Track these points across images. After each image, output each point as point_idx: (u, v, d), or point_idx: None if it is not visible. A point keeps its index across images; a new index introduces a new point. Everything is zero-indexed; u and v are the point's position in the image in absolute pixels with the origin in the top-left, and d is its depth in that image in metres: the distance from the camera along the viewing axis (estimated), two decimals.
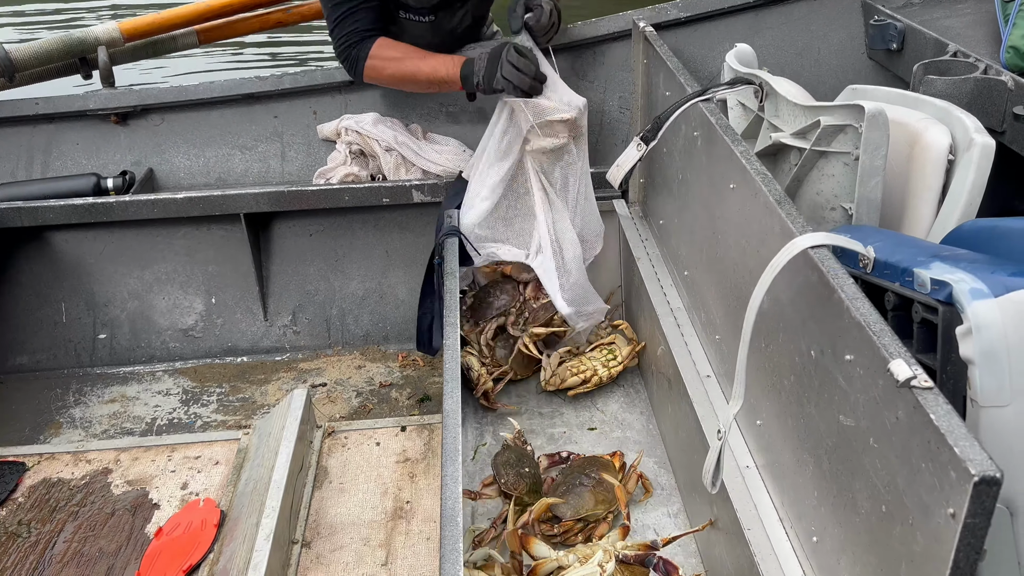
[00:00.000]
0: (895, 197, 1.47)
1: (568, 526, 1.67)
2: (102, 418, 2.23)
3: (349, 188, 2.31)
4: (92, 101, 2.42)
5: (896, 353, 0.83)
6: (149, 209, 2.29)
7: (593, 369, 2.05)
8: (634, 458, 1.79)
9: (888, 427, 0.91)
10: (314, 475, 1.96)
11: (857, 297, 0.93)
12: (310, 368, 2.40)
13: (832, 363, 1.06)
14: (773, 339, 1.28)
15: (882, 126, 1.34)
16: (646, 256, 2.06)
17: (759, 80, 1.60)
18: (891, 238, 1.13)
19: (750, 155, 1.28)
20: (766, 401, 1.35)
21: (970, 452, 0.72)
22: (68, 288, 2.40)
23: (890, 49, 2.08)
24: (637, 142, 1.53)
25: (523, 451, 1.82)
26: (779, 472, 1.33)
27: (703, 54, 2.36)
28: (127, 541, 1.82)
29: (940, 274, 0.91)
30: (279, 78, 2.45)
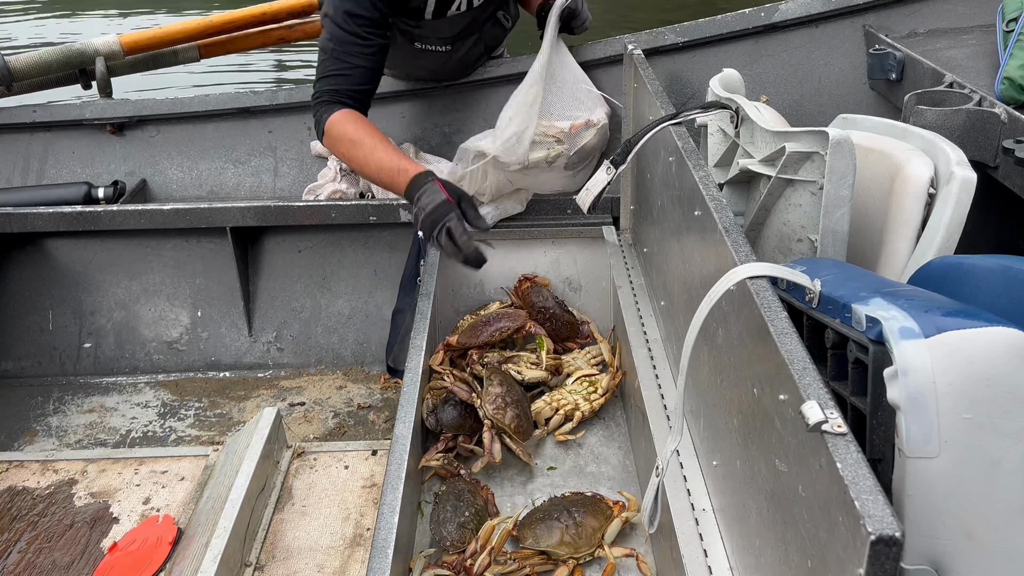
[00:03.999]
0: (873, 232, 1.40)
1: (526, 555, 1.59)
2: (78, 428, 2.22)
3: (336, 205, 2.29)
4: (89, 111, 2.43)
5: (813, 394, 0.76)
6: (136, 219, 2.28)
7: (574, 403, 1.96)
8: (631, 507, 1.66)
9: (813, 474, 0.84)
10: (277, 496, 1.91)
11: (785, 332, 0.86)
12: (291, 386, 2.37)
13: (770, 403, 0.99)
14: (726, 375, 1.21)
15: (847, 154, 1.27)
16: (628, 285, 1.99)
17: (735, 105, 1.54)
18: (845, 271, 1.06)
19: (709, 180, 1.22)
20: (721, 440, 1.28)
21: (871, 507, 0.65)
22: (56, 296, 2.41)
23: (889, 79, 2.01)
24: (607, 165, 1.48)
25: (457, 488, 1.69)
26: (731, 517, 1.25)
27: (701, 80, 2.31)
28: (81, 554, 1.78)
29: (874, 310, 0.84)
30: (274, 93, 2.45)
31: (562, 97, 2.12)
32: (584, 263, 2.29)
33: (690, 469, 1.42)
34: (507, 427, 1.75)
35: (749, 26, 2.27)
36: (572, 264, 2.29)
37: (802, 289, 1.04)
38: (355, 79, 2.00)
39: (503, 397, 1.78)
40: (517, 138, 2.03)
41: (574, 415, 1.92)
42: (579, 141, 2.11)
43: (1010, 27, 1.69)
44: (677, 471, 1.41)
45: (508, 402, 1.77)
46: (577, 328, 2.19)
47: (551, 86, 2.11)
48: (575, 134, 2.10)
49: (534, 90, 2.07)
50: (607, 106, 2.18)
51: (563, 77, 2.14)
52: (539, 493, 1.78)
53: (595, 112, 2.13)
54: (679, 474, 1.41)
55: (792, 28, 2.27)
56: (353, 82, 2.00)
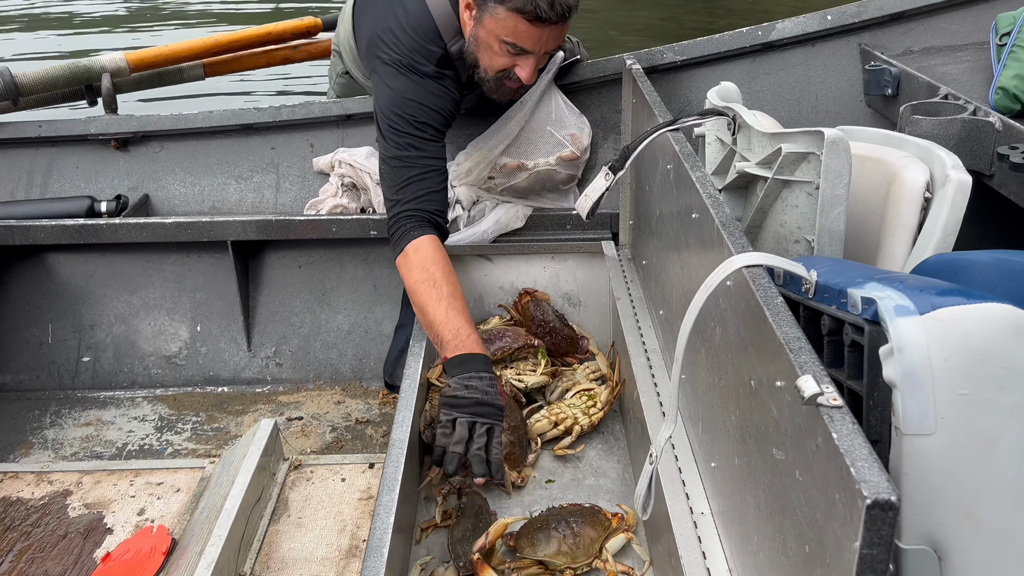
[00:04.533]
0: (872, 236, 1.40)
1: (523, 564, 1.57)
2: (74, 440, 2.21)
3: (337, 219, 2.30)
4: (93, 126, 2.46)
5: (808, 370, 0.76)
6: (138, 233, 2.30)
7: (573, 417, 1.95)
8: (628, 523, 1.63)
9: (810, 456, 0.84)
10: (273, 507, 1.89)
11: (781, 315, 0.86)
12: (289, 401, 2.36)
13: (767, 392, 0.98)
14: (724, 373, 1.21)
15: (843, 153, 1.28)
16: (627, 297, 2.00)
17: (732, 112, 1.56)
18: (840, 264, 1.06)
19: (706, 180, 1.23)
20: (719, 441, 1.27)
21: (866, 473, 0.65)
22: (56, 309, 2.41)
23: (885, 95, 2.03)
24: (605, 171, 1.49)
25: (477, 506, 1.68)
26: (729, 518, 1.24)
27: (699, 98, 2.33)
28: (74, 565, 1.76)
29: (870, 292, 0.84)
30: (277, 109, 2.48)
31: (521, 138, 2.30)
32: (584, 278, 2.29)
33: (688, 473, 1.41)
34: None
35: (747, 44, 2.30)
36: (572, 279, 2.30)
37: (799, 281, 1.05)
38: (438, 200, 1.90)
39: None
40: (467, 172, 2.27)
41: (573, 429, 1.91)
42: (509, 180, 2.30)
43: (1003, 41, 1.71)
44: (676, 475, 1.40)
45: None
46: (577, 343, 2.18)
47: (522, 128, 2.30)
48: (505, 173, 2.28)
49: (507, 129, 2.27)
50: (569, 148, 2.31)
51: (535, 118, 2.30)
52: (537, 506, 1.76)
53: (539, 157, 2.30)
54: (678, 478, 1.40)
55: (789, 47, 2.30)
56: (438, 203, 1.89)
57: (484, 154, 2.28)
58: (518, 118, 2.29)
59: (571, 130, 2.30)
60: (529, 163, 2.29)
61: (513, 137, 2.28)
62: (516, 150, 2.30)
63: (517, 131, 2.28)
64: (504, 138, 2.28)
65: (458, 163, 2.30)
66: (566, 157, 2.30)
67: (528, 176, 2.29)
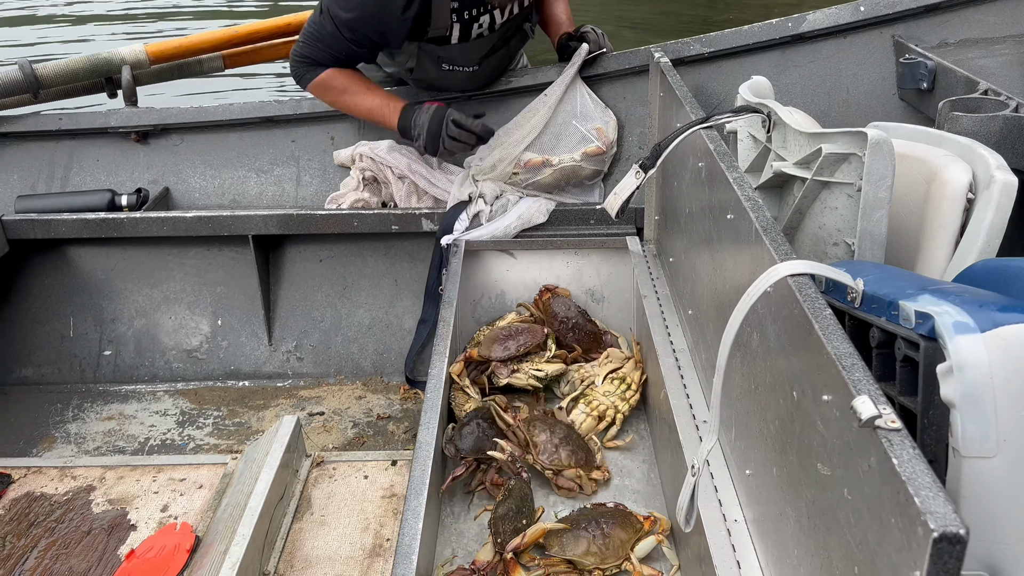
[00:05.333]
0: (910, 237, 1.37)
1: (552, 562, 1.56)
2: (96, 435, 2.21)
3: (358, 214, 2.28)
4: (114, 119, 2.44)
5: (863, 389, 0.73)
6: (159, 227, 2.28)
7: (612, 405, 1.92)
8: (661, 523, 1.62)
9: (861, 476, 0.81)
10: (296, 505, 1.88)
11: (831, 328, 0.83)
12: (310, 396, 2.34)
13: (811, 405, 0.95)
14: (761, 381, 1.18)
15: (886, 155, 1.24)
16: (653, 294, 1.96)
17: (767, 109, 1.52)
18: (887, 272, 1.03)
19: (743, 181, 1.19)
20: (755, 449, 1.24)
21: (932, 504, 0.62)
22: (78, 303, 2.41)
23: (920, 88, 1.98)
24: (636, 170, 1.46)
25: (524, 491, 1.69)
26: (765, 528, 1.21)
27: (727, 91, 2.29)
28: (98, 561, 1.76)
29: (924, 306, 0.81)
30: (298, 102, 2.45)
31: (546, 133, 2.30)
32: (607, 274, 2.26)
33: (721, 479, 1.38)
34: (567, 466, 1.72)
35: (776, 36, 2.25)
36: (595, 275, 2.27)
37: (843, 289, 1.01)
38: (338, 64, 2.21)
39: (551, 441, 1.76)
40: (492, 168, 2.28)
41: (616, 418, 1.89)
42: (533, 176, 2.28)
43: None
44: (707, 481, 1.37)
45: (557, 443, 1.75)
46: (600, 339, 2.16)
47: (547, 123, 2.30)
48: (530, 169, 2.27)
49: (531, 124, 2.27)
50: (595, 143, 2.29)
51: (559, 112, 2.30)
52: (561, 506, 1.75)
53: (564, 152, 2.28)
54: (710, 484, 1.37)
55: (820, 38, 2.25)
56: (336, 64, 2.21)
57: (508, 150, 2.25)
58: (543, 112, 2.26)
59: (596, 123, 2.27)
60: (554, 159, 2.26)
61: (538, 132, 2.26)
62: (540, 145, 2.27)
63: (542, 126, 2.26)
64: (528, 133, 2.25)
65: (481, 158, 2.27)
66: (591, 152, 2.26)
67: (552, 172, 2.27)
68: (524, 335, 2.08)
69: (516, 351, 2.02)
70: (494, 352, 2.01)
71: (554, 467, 1.72)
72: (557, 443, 1.75)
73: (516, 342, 2.04)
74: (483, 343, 2.05)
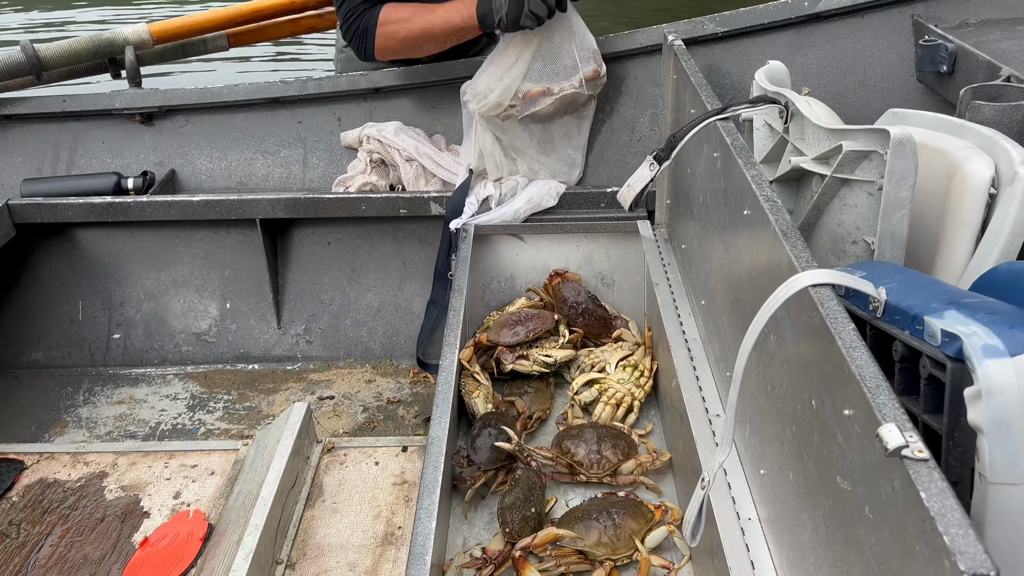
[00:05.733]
0: (928, 233, 1.34)
1: (563, 553, 1.56)
2: (107, 419, 2.21)
3: (366, 197, 2.26)
4: (118, 100, 2.42)
5: (890, 415, 0.72)
6: (166, 211, 2.27)
7: (628, 392, 1.91)
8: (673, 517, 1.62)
9: (884, 497, 0.80)
10: (308, 492, 1.89)
11: (855, 346, 0.82)
12: (320, 380, 2.35)
13: (831, 417, 0.94)
14: (778, 383, 1.17)
15: (910, 154, 1.21)
16: (665, 282, 1.95)
17: (784, 99, 1.49)
18: (910, 279, 1.01)
19: (762, 179, 1.17)
20: (771, 449, 1.23)
21: (962, 543, 0.61)
22: (86, 286, 2.40)
23: (940, 72, 1.94)
24: (650, 161, 1.44)
25: (531, 480, 1.69)
26: (780, 528, 1.21)
27: (740, 71, 2.25)
28: (112, 549, 1.78)
29: (952, 325, 0.79)
30: (304, 83, 2.42)
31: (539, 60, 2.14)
32: (618, 258, 2.24)
33: (734, 476, 1.38)
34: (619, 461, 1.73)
35: (792, 16, 2.20)
36: (605, 259, 2.25)
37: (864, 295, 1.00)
38: None
39: (589, 448, 1.73)
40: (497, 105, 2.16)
41: (634, 405, 1.89)
42: (530, 107, 2.15)
43: None
44: (721, 478, 1.37)
45: (596, 447, 1.73)
46: (611, 324, 2.15)
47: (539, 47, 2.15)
48: (529, 100, 2.14)
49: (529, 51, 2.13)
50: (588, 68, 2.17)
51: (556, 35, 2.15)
52: (572, 494, 1.75)
53: (564, 80, 2.15)
54: (723, 481, 1.37)
55: (837, 18, 2.20)
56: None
57: (508, 83, 2.14)
58: (540, 39, 2.14)
59: (592, 46, 2.18)
60: (555, 87, 2.14)
61: (530, 59, 2.13)
62: (539, 73, 2.14)
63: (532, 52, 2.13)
64: (526, 60, 2.13)
65: (477, 90, 2.18)
66: (590, 76, 2.16)
67: (554, 102, 2.16)
68: (534, 321, 2.07)
69: (525, 337, 2.01)
70: (503, 337, 2.00)
71: (609, 471, 1.71)
72: (596, 447, 1.73)
73: (525, 327, 2.04)
74: (492, 328, 2.05)
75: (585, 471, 1.72)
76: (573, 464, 1.74)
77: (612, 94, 2.35)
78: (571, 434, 1.80)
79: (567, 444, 1.77)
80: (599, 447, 1.74)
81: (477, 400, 1.87)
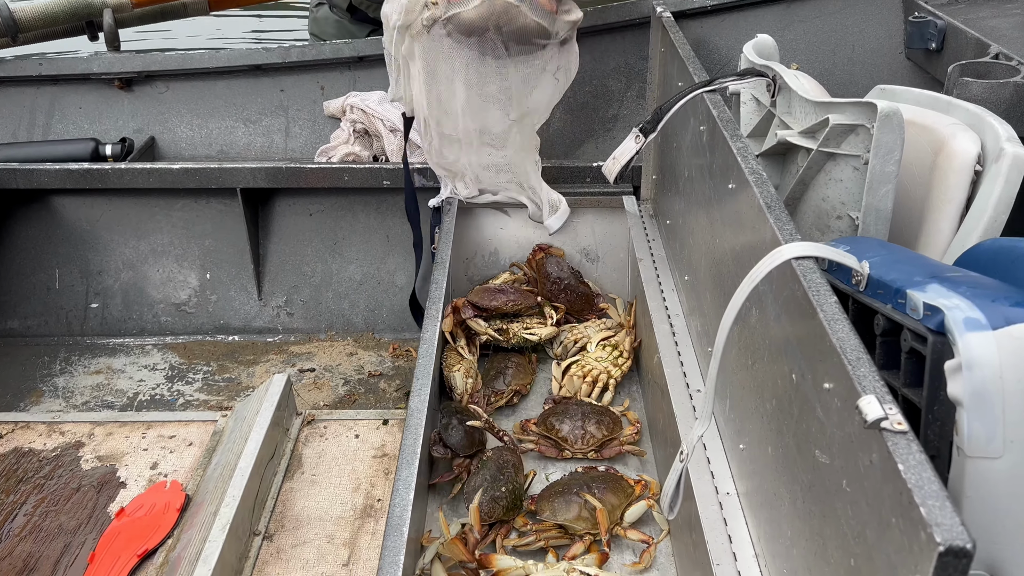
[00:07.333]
0: (913, 209, 1.34)
1: (543, 527, 1.56)
2: (84, 389, 2.19)
3: (349, 168, 2.23)
4: (96, 64, 2.36)
5: (870, 388, 0.71)
6: (144, 178, 2.23)
7: (605, 370, 1.91)
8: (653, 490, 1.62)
9: (861, 470, 0.80)
10: (287, 464, 1.88)
11: (836, 319, 0.81)
12: (301, 352, 2.33)
13: (811, 390, 0.94)
14: (759, 357, 1.16)
15: (896, 128, 1.20)
16: (649, 257, 1.94)
17: (772, 72, 1.47)
18: (894, 253, 1.00)
19: (747, 152, 1.15)
20: (750, 424, 1.23)
21: (938, 515, 0.60)
22: (63, 254, 2.36)
23: (929, 49, 1.92)
24: (636, 134, 1.42)
25: (502, 459, 1.68)
26: (758, 502, 1.21)
27: (729, 46, 2.23)
28: (88, 519, 1.76)
29: (934, 298, 0.78)
30: (287, 50, 2.38)
31: None
32: (602, 233, 2.23)
33: (713, 451, 1.38)
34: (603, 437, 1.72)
35: None
36: (590, 234, 2.24)
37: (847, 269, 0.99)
38: None
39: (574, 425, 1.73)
40: None
41: (609, 383, 1.88)
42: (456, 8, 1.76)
43: None
44: (699, 452, 1.37)
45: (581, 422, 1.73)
46: (593, 301, 2.14)
47: None
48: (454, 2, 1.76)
49: None
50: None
51: None
52: (552, 468, 1.75)
53: None
54: (702, 455, 1.37)
55: None
56: None
57: None
58: None
59: None
60: None
61: None
62: None
63: None
64: None
65: None
66: None
67: (479, 6, 1.76)
68: (514, 293, 2.06)
69: (503, 304, 2.01)
70: (481, 300, 2.00)
71: (594, 446, 1.71)
72: (581, 423, 1.73)
73: (504, 296, 2.03)
74: (473, 292, 2.05)
75: (570, 447, 1.72)
76: (558, 440, 1.73)
77: (600, 67, 2.33)
78: (556, 411, 1.79)
79: (552, 421, 1.76)
80: (583, 423, 1.74)
81: (457, 374, 1.85)
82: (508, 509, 1.58)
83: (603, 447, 1.74)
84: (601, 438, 1.73)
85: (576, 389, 1.88)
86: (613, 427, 1.76)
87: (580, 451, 1.73)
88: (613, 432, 1.75)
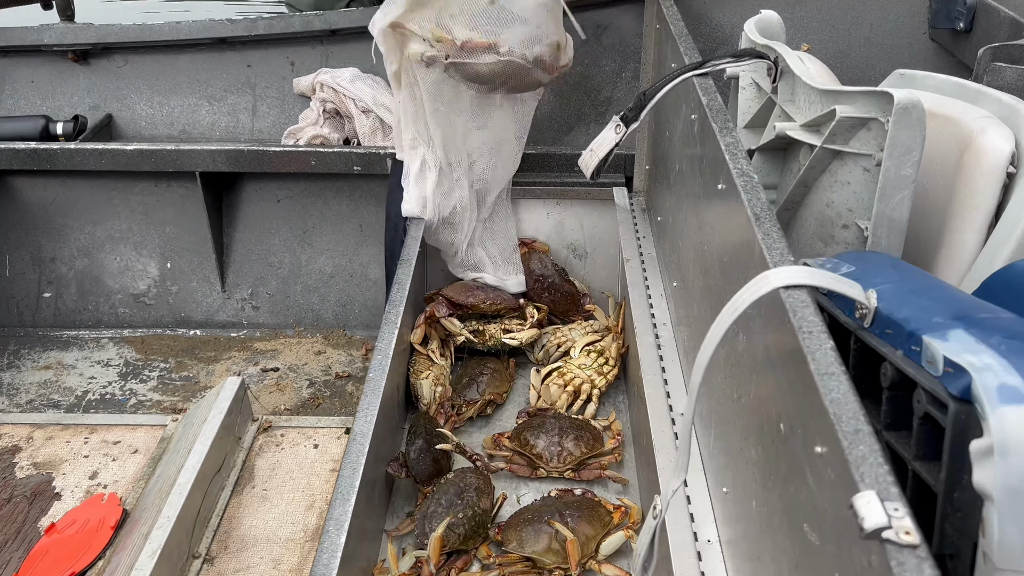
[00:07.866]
0: (933, 218, 1.15)
1: (509, 560, 1.40)
2: (31, 386, 2.04)
3: (316, 152, 2.05)
4: (47, 35, 2.19)
5: (870, 476, 0.54)
6: (97, 160, 2.06)
7: (588, 379, 1.73)
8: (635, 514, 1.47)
9: (857, 568, 0.62)
10: (236, 477, 1.72)
11: (832, 373, 0.63)
12: (265, 349, 2.17)
13: (801, 450, 0.76)
14: (745, 392, 0.99)
15: (916, 123, 1.01)
16: (638, 257, 1.76)
17: (774, 54, 1.28)
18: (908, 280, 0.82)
19: (737, 149, 0.97)
20: (735, 467, 1.06)
21: None
22: (13, 239, 2.21)
23: (956, 29, 1.73)
24: (616, 123, 1.23)
25: (464, 482, 1.51)
26: (741, 553, 1.04)
27: (734, 24, 2.03)
28: (15, 535, 1.61)
29: (959, 352, 0.60)
30: (253, 22, 2.20)
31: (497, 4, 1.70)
32: (592, 227, 2.06)
33: (695, 488, 1.21)
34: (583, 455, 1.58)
35: None
36: (578, 228, 2.06)
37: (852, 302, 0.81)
38: None
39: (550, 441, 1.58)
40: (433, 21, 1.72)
41: (592, 394, 1.71)
42: (468, 59, 1.71)
43: None
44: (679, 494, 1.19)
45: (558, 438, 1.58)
46: (578, 301, 1.97)
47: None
48: (468, 51, 1.70)
49: None
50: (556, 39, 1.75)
51: None
52: (525, 488, 1.59)
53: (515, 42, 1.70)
54: (681, 494, 1.20)
55: None
56: None
57: None
58: None
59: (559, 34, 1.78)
60: (502, 45, 1.70)
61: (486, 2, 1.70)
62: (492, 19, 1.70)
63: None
64: None
65: None
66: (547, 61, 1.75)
67: (495, 64, 1.72)
68: (496, 292, 1.90)
69: (482, 302, 1.85)
70: (458, 296, 1.84)
71: (571, 465, 1.55)
72: (558, 438, 1.56)
73: (485, 294, 1.87)
74: (450, 287, 1.88)
75: (545, 464, 1.56)
76: (532, 457, 1.57)
77: (592, 45, 2.13)
78: (532, 424, 1.62)
79: (527, 435, 1.60)
80: (560, 439, 1.57)
81: (424, 382, 1.69)
82: (467, 538, 1.42)
83: (581, 467, 1.57)
84: (579, 456, 1.57)
85: (555, 399, 1.71)
86: (593, 444, 1.60)
87: (556, 469, 1.56)
88: (593, 449, 1.59)
